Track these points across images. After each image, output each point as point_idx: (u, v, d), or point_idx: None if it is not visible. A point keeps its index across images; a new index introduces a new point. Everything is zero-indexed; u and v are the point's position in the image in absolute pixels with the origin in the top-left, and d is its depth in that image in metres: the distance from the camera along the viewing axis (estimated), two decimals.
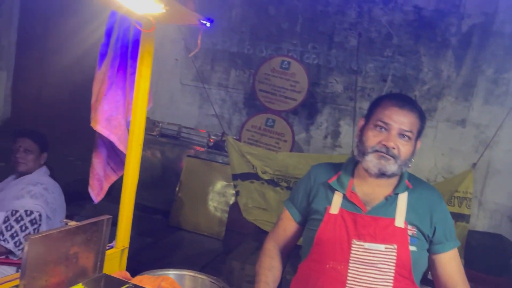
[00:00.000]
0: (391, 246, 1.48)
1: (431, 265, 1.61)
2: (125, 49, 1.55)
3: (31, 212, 2.22)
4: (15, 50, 6.51)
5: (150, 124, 5.14)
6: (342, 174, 1.60)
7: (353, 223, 1.50)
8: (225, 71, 5.33)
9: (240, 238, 4.24)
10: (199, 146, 5.01)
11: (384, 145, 1.48)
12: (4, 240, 2.18)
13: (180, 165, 4.87)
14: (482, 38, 4.48)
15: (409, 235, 1.49)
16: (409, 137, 1.50)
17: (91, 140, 1.81)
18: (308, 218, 1.63)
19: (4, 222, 2.20)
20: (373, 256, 1.48)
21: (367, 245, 1.47)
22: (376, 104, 1.57)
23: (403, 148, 1.49)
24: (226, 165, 4.60)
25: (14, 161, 2.43)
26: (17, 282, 1.11)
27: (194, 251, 4.25)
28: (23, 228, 2.20)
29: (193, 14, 1.23)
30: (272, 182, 4.22)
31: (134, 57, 1.53)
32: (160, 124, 5.11)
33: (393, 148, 1.48)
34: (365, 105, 4.84)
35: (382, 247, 1.47)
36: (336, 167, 1.65)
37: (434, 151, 4.64)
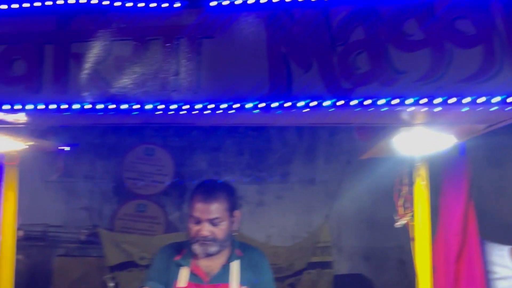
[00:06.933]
0: None
1: None
2: None
3: None
4: None
5: None
6: (188, 251, 1.94)
7: None
8: (91, 163, 5.34)
9: None
10: (70, 243, 4.84)
11: (201, 235, 1.89)
12: None
13: (51, 267, 4.63)
14: None
15: None
16: (218, 222, 1.91)
17: None
18: None
19: None
20: None
21: None
22: (191, 197, 2.00)
23: (217, 231, 1.92)
24: (102, 257, 4.52)
25: None
26: None
27: None
28: None
29: (53, 144, 1.46)
30: None
31: None
32: (22, 228, 4.83)
33: (208, 235, 1.89)
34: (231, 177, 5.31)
35: None
36: (182, 245, 2.01)
37: (294, 209, 5.22)
